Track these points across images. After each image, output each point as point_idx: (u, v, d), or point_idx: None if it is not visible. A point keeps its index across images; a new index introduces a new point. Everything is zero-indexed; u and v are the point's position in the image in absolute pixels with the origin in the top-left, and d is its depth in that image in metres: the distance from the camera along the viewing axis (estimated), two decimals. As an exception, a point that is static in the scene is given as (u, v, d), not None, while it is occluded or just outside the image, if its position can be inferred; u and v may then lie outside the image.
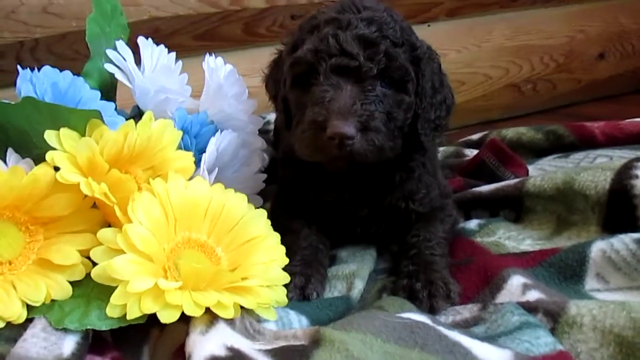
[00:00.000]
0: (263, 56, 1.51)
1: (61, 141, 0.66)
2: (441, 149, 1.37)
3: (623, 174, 0.87)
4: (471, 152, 1.30)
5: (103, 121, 0.69)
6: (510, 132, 1.32)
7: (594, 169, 0.91)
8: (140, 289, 0.59)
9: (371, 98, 0.77)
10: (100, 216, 0.70)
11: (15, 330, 0.61)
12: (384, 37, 0.78)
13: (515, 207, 0.99)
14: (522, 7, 1.69)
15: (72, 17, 1.27)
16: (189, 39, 1.40)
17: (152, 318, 0.68)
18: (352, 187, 0.88)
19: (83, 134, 0.68)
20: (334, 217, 0.91)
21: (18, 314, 0.62)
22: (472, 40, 1.66)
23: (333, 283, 0.83)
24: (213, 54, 0.95)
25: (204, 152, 0.82)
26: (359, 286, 0.81)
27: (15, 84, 0.79)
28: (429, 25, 1.62)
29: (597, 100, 1.84)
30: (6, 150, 0.72)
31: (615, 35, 1.84)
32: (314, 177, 0.89)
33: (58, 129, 0.67)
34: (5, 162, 0.70)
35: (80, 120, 0.68)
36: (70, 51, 1.29)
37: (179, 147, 0.81)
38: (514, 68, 1.73)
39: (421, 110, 0.83)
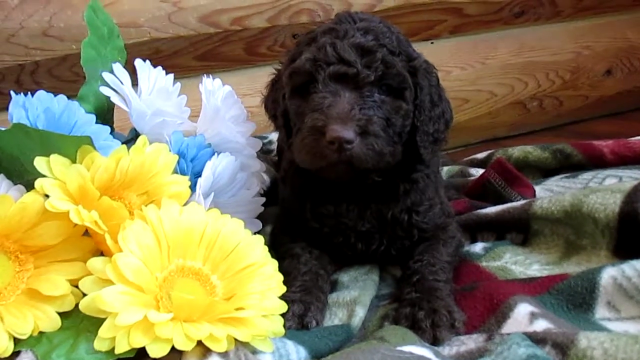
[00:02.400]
0: (265, 76, 1.49)
1: (51, 168, 0.64)
2: (446, 168, 1.35)
3: (633, 196, 0.84)
4: (477, 172, 1.27)
5: (94, 147, 0.67)
6: (517, 151, 1.29)
7: (602, 191, 0.88)
8: (129, 321, 0.57)
9: (369, 104, 0.77)
10: (92, 245, 0.68)
11: (0, 365, 0.59)
12: (381, 45, 0.79)
13: (522, 230, 0.96)
14: (527, 23, 1.68)
15: (72, 40, 1.27)
16: (190, 59, 1.39)
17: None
18: (353, 200, 0.87)
19: (74, 161, 0.67)
20: (334, 233, 0.89)
21: (4, 348, 0.60)
22: (476, 57, 1.65)
23: (333, 310, 0.81)
24: (212, 75, 0.94)
25: (201, 175, 0.80)
26: (360, 314, 0.79)
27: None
28: (432, 43, 1.61)
29: (605, 117, 1.81)
30: (-2, 177, 0.71)
31: (623, 51, 1.81)
32: (313, 190, 0.88)
33: (49, 155, 0.65)
34: (-4, 188, 0.69)
35: (71, 147, 0.66)
36: (70, 73, 1.29)
37: (175, 172, 0.79)
38: (519, 85, 1.71)
39: (420, 122, 0.83)
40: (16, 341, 0.61)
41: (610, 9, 1.75)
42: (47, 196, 0.64)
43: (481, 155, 1.38)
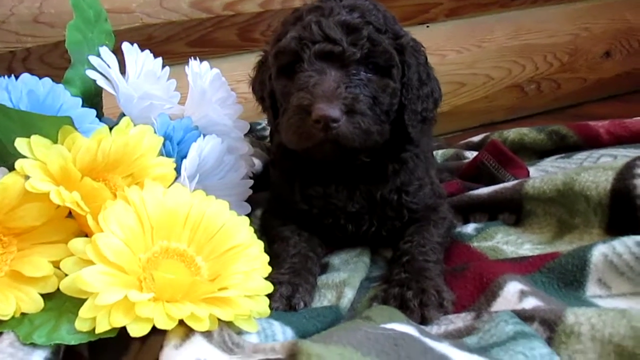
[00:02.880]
0: (258, 61, 1.52)
1: (32, 149, 0.64)
2: (441, 151, 1.34)
3: (625, 173, 0.83)
4: (472, 155, 1.27)
5: (75, 128, 0.66)
6: (512, 133, 1.28)
7: (594, 169, 0.87)
8: (109, 301, 0.57)
9: (356, 82, 0.76)
10: (75, 226, 0.67)
11: (-18, 346, 0.59)
12: (367, 22, 0.78)
13: (514, 211, 0.95)
14: (523, 6, 1.66)
15: (63, 26, 1.23)
16: (182, 45, 1.38)
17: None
18: (342, 181, 0.87)
19: (56, 142, 0.66)
20: (323, 215, 0.89)
21: (-14, 330, 0.59)
22: (472, 40, 1.63)
23: (323, 292, 0.80)
24: (206, 61, 0.93)
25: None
26: (348, 295, 0.78)
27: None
28: (427, 27, 1.59)
29: (604, 99, 1.80)
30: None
31: (622, 32, 1.79)
32: (302, 172, 0.87)
33: (30, 137, 0.65)
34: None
35: (52, 128, 0.66)
36: (62, 60, 1.28)
37: (161, 154, 0.78)
38: (516, 68, 1.69)
39: (407, 101, 0.83)
40: (-1, 323, 0.61)
41: (608, -11, 1.73)
42: (28, 177, 0.63)
43: (476, 138, 1.37)
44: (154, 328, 0.60)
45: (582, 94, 1.79)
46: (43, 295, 0.63)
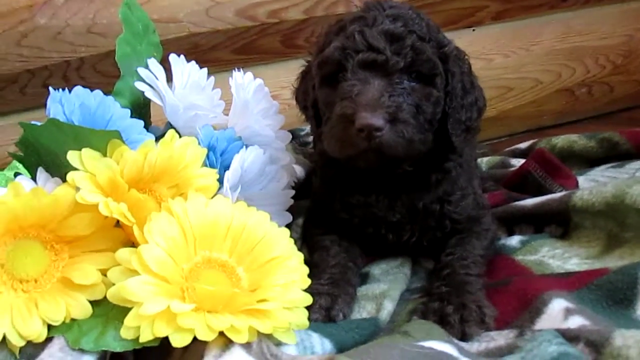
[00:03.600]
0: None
1: (82, 161, 0.67)
2: (486, 159, 1.31)
3: (680, 186, 0.79)
4: (518, 162, 1.23)
5: (123, 141, 0.69)
6: (561, 141, 1.24)
7: (647, 181, 0.83)
8: (153, 311, 0.59)
9: (399, 91, 0.76)
10: (123, 235, 0.70)
11: (34, 349, 0.62)
12: (410, 31, 0.78)
13: (561, 223, 0.93)
14: (573, 7, 1.60)
15: (114, 36, 1.27)
16: (228, 53, 1.40)
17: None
18: (383, 190, 0.87)
19: (105, 154, 0.69)
20: (364, 224, 0.89)
21: (38, 333, 0.62)
22: (519, 43, 1.59)
23: (362, 304, 0.80)
24: (250, 68, 0.94)
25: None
26: (388, 307, 0.78)
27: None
28: (473, 30, 1.56)
29: (660, 103, 1.72)
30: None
31: (680, 32, 1.71)
32: (343, 180, 0.88)
33: (81, 149, 0.68)
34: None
35: (101, 141, 0.68)
36: (114, 68, 1.29)
37: (204, 165, 0.80)
38: (566, 71, 1.64)
39: (451, 110, 0.82)
40: (49, 327, 0.63)
41: (666, -12, 1.65)
42: (79, 189, 0.66)
43: (523, 145, 1.34)
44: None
45: (637, 97, 1.72)
46: (91, 302, 0.65)
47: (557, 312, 0.70)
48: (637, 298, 0.72)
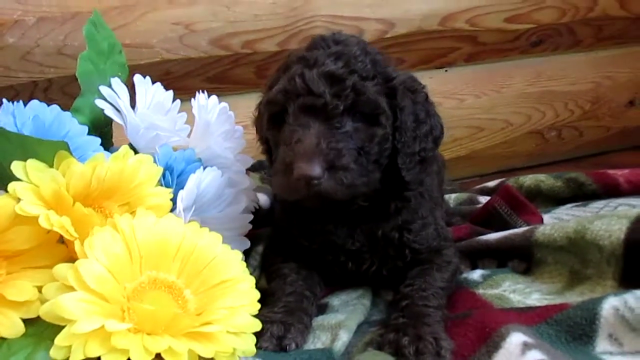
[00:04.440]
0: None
1: (27, 172, 0.64)
2: (454, 195, 1.32)
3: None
4: (485, 200, 1.23)
5: (71, 153, 0.67)
6: (529, 179, 1.25)
7: (608, 217, 0.83)
8: (86, 329, 0.55)
9: (339, 136, 0.75)
10: (65, 252, 0.66)
11: (-43, 370, 0.57)
12: (352, 71, 0.77)
13: (524, 258, 0.92)
14: (544, 52, 1.64)
15: None
16: (200, 81, 1.40)
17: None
18: (342, 219, 0.85)
19: (53, 166, 0.66)
20: (323, 251, 0.87)
21: (-37, 353, 0.58)
22: (491, 85, 1.62)
23: (317, 334, 0.77)
24: (222, 98, 0.93)
25: (187, 189, 0.79)
26: (343, 338, 0.75)
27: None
28: (446, 70, 1.59)
29: (628, 149, 1.75)
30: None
31: (646, 82, 1.76)
32: (302, 209, 0.85)
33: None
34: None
35: (49, 152, 0.66)
36: (82, 91, 1.31)
37: (160, 184, 0.78)
38: (536, 114, 1.67)
39: (401, 144, 0.80)
40: (-24, 346, 0.59)
41: (632, 39, 1.70)
42: (20, 200, 0.63)
43: (492, 184, 1.35)
44: None
45: (605, 142, 1.75)
46: (25, 321, 0.61)
47: (514, 346, 0.68)
48: (597, 334, 0.70)
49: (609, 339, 0.69)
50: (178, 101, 0.94)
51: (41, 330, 0.61)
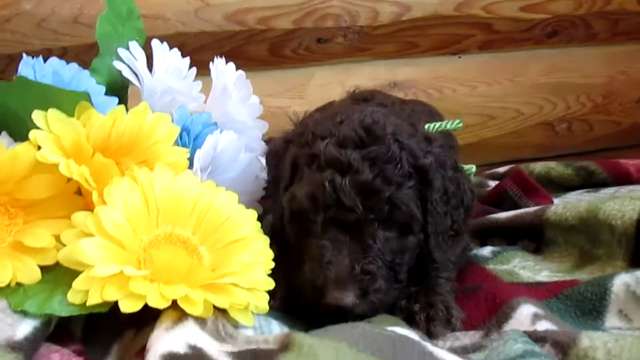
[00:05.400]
0: (287, 78, 1.52)
1: (48, 122, 0.64)
2: (464, 180, 1.31)
3: (654, 203, 0.79)
4: (495, 184, 1.23)
5: (92, 104, 0.67)
6: (539, 167, 1.25)
7: (621, 198, 0.83)
8: (104, 273, 0.55)
9: (372, 255, 0.69)
10: (82, 203, 0.67)
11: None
12: (388, 180, 0.70)
13: (534, 238, 0.92)
14: (558, 45, 1.63)
15: None
16: (214, 56, 1.40)
17: (128, 319, 0.65)
18: None
19: (73, 117, 0.66)
20: None
21: (-21, 294, 0.58)
22: (504, 74, 1.61)
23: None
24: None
25: (203, 152, 0.79)
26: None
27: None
28: (459, 57, 1.58)
29: (638, 146, 1.74)
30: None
31: (660, 79, 1.75)
32: None
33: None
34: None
35: (70, 103, 0.66)
36: (97, 61, 1.31)
37: (177, 145, 0.78)
38: (547, 105, 1.66)
39: (432, 226, 0.74)
40: (-6, 290, 0.60)
41: (647, 35, 1.70)
42: (40, 148, 0.63)
43: (502, 169, 1.34)
44: (149, 319, 0.59)
45: (615, 138, 1.74)
46: (42, 268, 0.62)
47: (525, 317, 0.69)
48: (607, 310, 0.71)
49: (618, 315, 0.70)
50: (194, 69, 0.95)
51: (58, 277, 0.61)
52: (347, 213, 0.69)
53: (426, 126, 0.86)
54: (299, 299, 0.72)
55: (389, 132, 0.73)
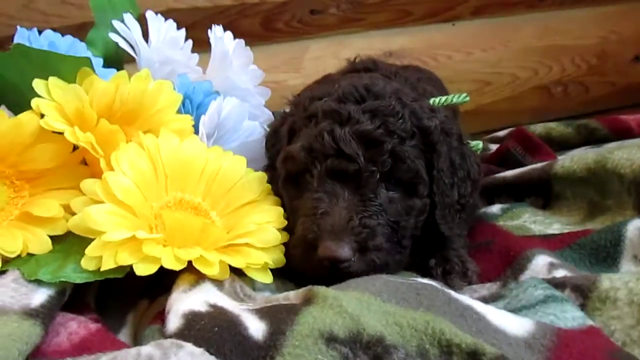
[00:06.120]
0: (281, 53, 1.50)
1: (49, 90, 0.63)
2: (465, 144, 1.30)
3: (663, 149, 0.79)
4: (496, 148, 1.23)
5: (94, 70, 0.65)
6: (539, 128, 1.24)
7: (629, 147, 0.83)
8: (116, 238, 0.54)
9: (372, 209, 0.64)
10: (88, 173, 0.65)
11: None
12: (390, 132, 0.66)
13: (542, 194, 0.91)
14: (550, 7, 1.62)
15: (89, 9, 1.27)
16: (206, 32, 1.37)
17: (142, 290, 0.64)
18: None
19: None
20: None
21: (-10, 265, 0.57)
22: (498, 39, 1.60)
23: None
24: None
25: (206, 120, 0.77)
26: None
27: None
28: (453, 24, 1.57)
29: (634, 106, 1.74)
30: (0, 107, 0.69)
31: (652, 37, 1.75)
32: None
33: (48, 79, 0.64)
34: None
35: (70, 69, 0.65)
36: (86, 41, 1.28)
37: (180, 113, 0.77)
38: (543, 69, 1.65)
39: (439, 196, 0.70)
40: (5, 261, 0.58)
41: (638, -7, 1.69)
42: (43, 117, 0.62)
43: (502, 133, 1.33)
44: (163, 290, 0.58)
45: (610, 98, 1.74)
46: (52, 238, 0.61)
47: (541, 266, 0.69)
48: (621, 256, 0.71)
49: (633, 260, 0.70)
50: (190, 41, 0.93)
51: (69, 247, 0.60)
52: (347, 163, 0.64)
53: (431, 100, 0.82)
54: (293, 271, 0.66)
55: (390, 91, 0.71)
